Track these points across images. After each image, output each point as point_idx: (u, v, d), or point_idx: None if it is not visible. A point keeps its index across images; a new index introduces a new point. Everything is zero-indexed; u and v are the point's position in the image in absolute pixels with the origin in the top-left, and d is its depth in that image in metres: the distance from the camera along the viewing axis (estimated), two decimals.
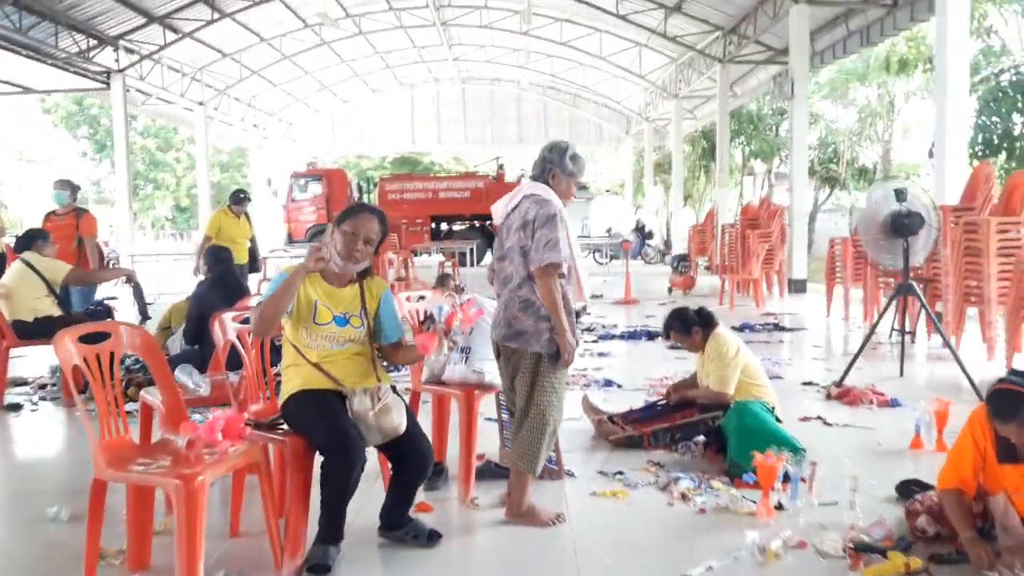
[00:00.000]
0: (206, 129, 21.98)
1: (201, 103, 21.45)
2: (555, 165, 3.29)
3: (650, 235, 23.34)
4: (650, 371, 6.41)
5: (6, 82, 17.13)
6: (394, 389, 2.96)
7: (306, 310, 2.87)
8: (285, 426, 2.91)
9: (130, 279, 6.37)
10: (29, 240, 6.02)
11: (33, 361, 7.04)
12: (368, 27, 21.63)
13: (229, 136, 29.13)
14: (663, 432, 4.24)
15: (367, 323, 2.97)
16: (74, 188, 7.46)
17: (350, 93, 29.14)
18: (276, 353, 3.19)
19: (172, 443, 2.66)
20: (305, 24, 20.28)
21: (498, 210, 3.38)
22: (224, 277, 5.63)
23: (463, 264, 18.55)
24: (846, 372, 5.75)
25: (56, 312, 5.60)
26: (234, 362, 3.41)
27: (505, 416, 4.06)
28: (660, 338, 8.06)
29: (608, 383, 5.90)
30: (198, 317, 5.39)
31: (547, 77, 27.44)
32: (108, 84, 17.11)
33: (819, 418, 4.89)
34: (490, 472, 3.76)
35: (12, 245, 9.80)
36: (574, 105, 30.20)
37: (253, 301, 3.80)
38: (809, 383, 5.93)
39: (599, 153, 37.09)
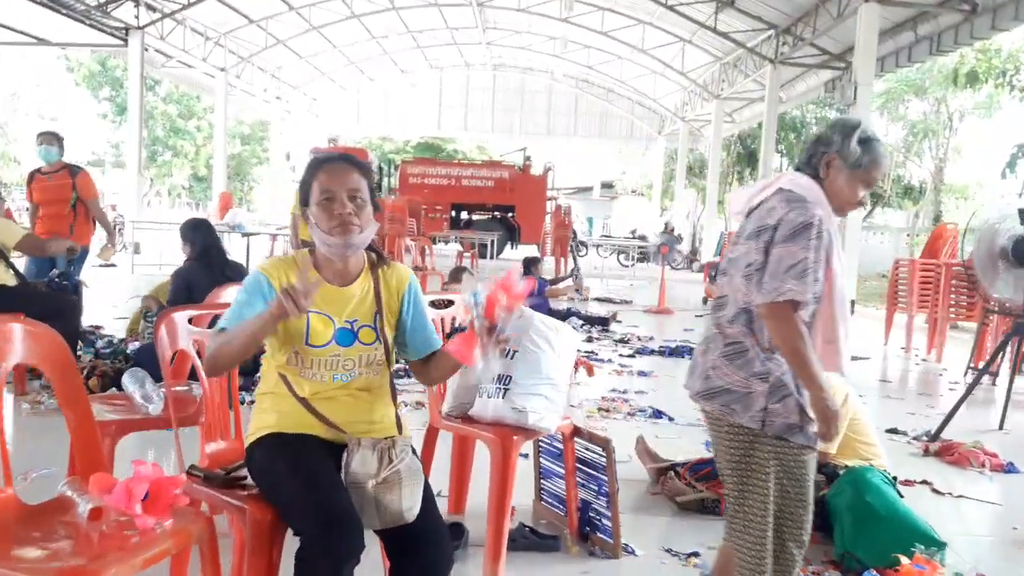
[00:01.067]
0: (226, 97, 21.15)
1: (223, 69, 20.62)
2: (833, 148, 2.16)
3: (679, 240, 22.35)
4: None
5: (22, 32, 16.32)
6: (413, 450, 2.03)
7: (294, 326, 1.98)
8: (249, 479, 2.02)
9: (72, 252, 5.44)
10: None
11: None
12: (401, 2, 20.73)
13: (251, 107, 28.34)
14: None
15: (385, 335, 2.06)
16: (61, 141, 6.54)
17: (378, 71, 28.23)
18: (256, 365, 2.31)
19: (75, 507, 1.77)
20: None
21: (737, 203, 2.32)
22: (207, 252, 4.77)
23: (483, 256, 17.64)
24: (945, 423, 4.82)
25: (10, 281, 4.74)
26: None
27: (546, 460, 3.17)
28: None
29: (657, 414, 4.97)
30: (175, 302, 4.54)
31: (582, 69, 26.47)
32: (126, 41, 16.29)
33: (925, 483, 3.97)
34: (524, 539, 2.88)
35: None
36: (607, 100, 29.19)
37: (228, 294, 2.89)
38: (894, 431, 5.00)
39: (628, 151, 36.10)
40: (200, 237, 4.84)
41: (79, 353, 5.13)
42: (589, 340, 8.00)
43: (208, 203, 39.61)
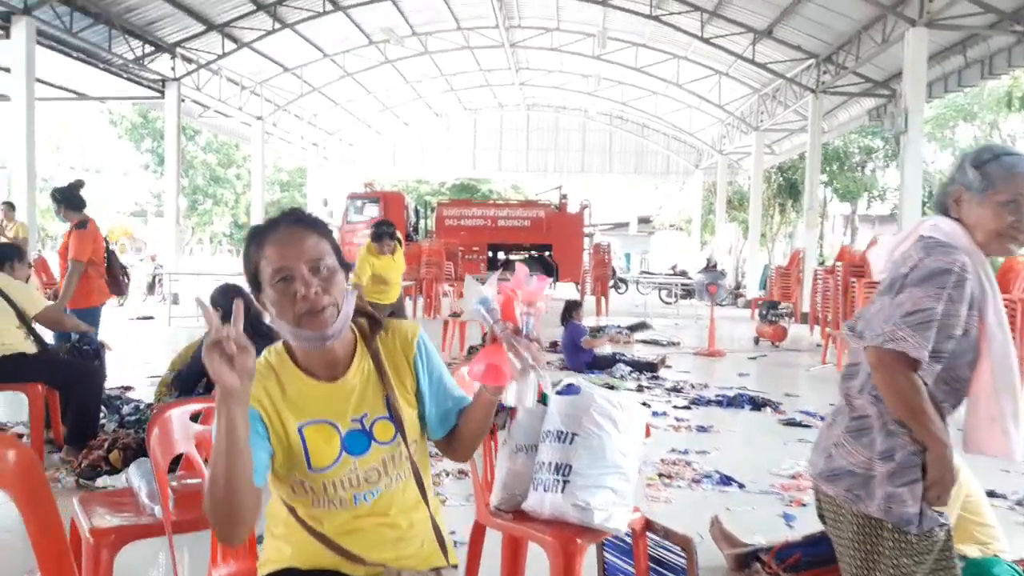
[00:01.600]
0: (263, 144, 21.28)
1: (259, 118, 20.77)
2: (956, 182, 1.93)
3: (722, 275, 21.75)
4: (772, 461, 5.01)
5: (61, 87, 16.56)
6: None
7: (291, 447, 1.57)
8: None
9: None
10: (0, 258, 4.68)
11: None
12: (434, 47, 20.76)
13: (289, 154, 28.60)
14: None
15: (404, 423, 1.63)
16: (65, 197, 5.86)
17: (413, 115, 28.34)
18: None
19: None
20: (370, 41, 19.51)
21: (878, 259, 2.00)
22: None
23: None
24: None
25: (30, 349, 4.47)
26: None
27: (611, 555, 2.74)
28: (769, 408, 6.74)
29: (726, 480, 4.50)
30: (197, 363, 4.23)
31: (616, 105, 26.26)
32: (163, 93, 16.44)
33: None
34: None
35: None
36: (642, 135, 28.93)
37: None
38: (992, 493, 4.47)
39: (666, 187, 35.71)
40: (230, 304, 4.50)
41: (103, 422, 4.82)
42: (639, 389, 7.55)
43: None
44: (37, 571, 1.63)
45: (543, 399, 2.51)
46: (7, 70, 11.84)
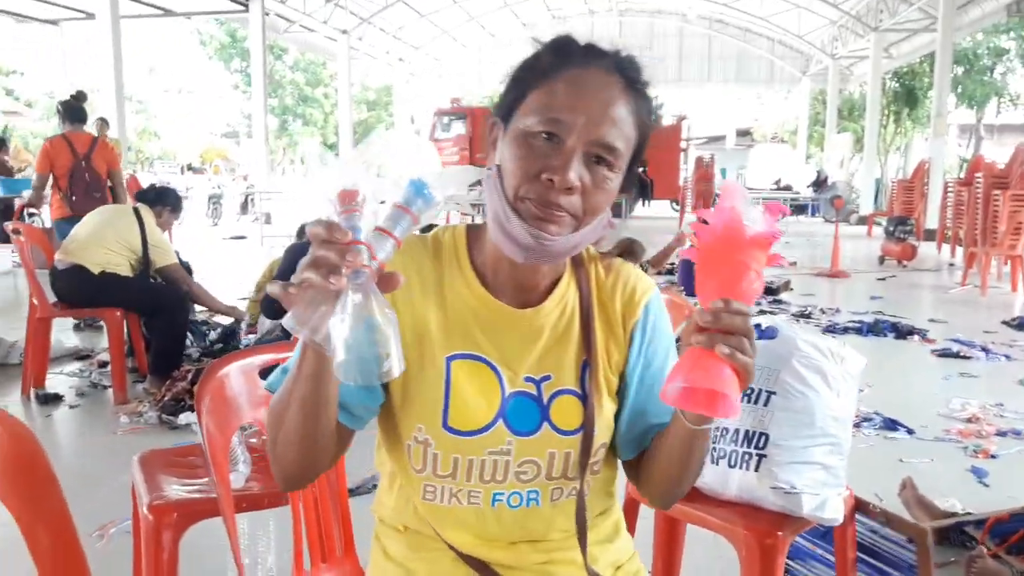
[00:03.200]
0: (349, 60, 20.76)
1: (344, 32, 20.19)
2: None
3: (837, 188, 20.36)
4: (938, 399, 4.28)
5: (146, 3, 16.30)
6: None
7: (424, 382, 1.01)
8: None
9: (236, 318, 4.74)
10: (157, 197, 4.44)
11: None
12: None
13: (375, 72, 28.07)
14: None
15: (597, 414, 1.04)
16: (66, 109, 5.82)
17: (499, 26, 27.25)
18: None
19: None
20: None
21: None
22: None
23: (617, 215, 16.49)
24: None
25: (127, 270, 4.11)
26: None
27: (800, 539, 2.15)
28: (917, 336, 5.94)
29: (891, 424, 3.81)
30: (281, 277, 3.78)
31: (717, 7, 24.51)
32: (247, 6, 16.00)
33: None
34: None
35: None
36: (744, 40, 27.10)
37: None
38: None
39: (770, 96, 33.69)
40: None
41: (188, 352, 4.47)
42: (761, 315, 6.83)
43: None
44: None
45: None
46: None
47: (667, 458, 1.03)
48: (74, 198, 5.62)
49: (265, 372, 1.39)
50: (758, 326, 1.82)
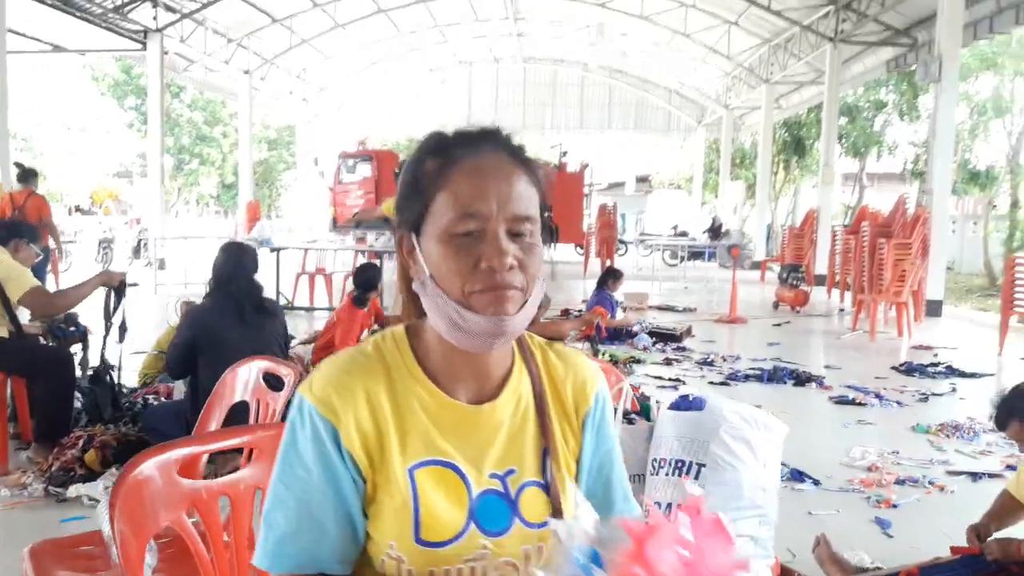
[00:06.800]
0: (251, 100, 20.38)
1: (247, 72, 19.84)
2: None
3: (727, 235, 21.16)
4: (838, 448, 4.44)
5: (35, 38, 15.62)
6: None
7: (392, 499, 0.98)
8: None
9: (111, 285, 4.32)
10: (8, 234, 4.07)
11: None
12: None
13: (277, 111, 27.66)
14: None
15: (564, 503, 1.04)
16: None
17: (405, 70, 27.35)
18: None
19: None
20: None
21: None
22: (228, 282, 3.75)
23: None
24: None
25: (3, 330, 3.81)
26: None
27: None
28: (814, 383, 6.17)
29: (797, 475, 3.91)
30: (186, 343, 3.62)
31: (617, 59, 25.36)
32: (145, 44, 15.53)
33: None
34: None
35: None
36: (643, 90, 28.05)
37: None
38: None
39: (666, 144, 34.89)
40: (223, 262, 3.77)
41: (75, 415, 4.17)
42: (667, 363, 6.97)
43: (236, 211, 39.11)
44: None
45: (643, 411, 1.91)
46: None
47: None
48: None
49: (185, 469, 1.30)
50: (685, 397, 1.84)
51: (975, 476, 3.99)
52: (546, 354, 1.12)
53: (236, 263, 3.77)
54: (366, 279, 5.28)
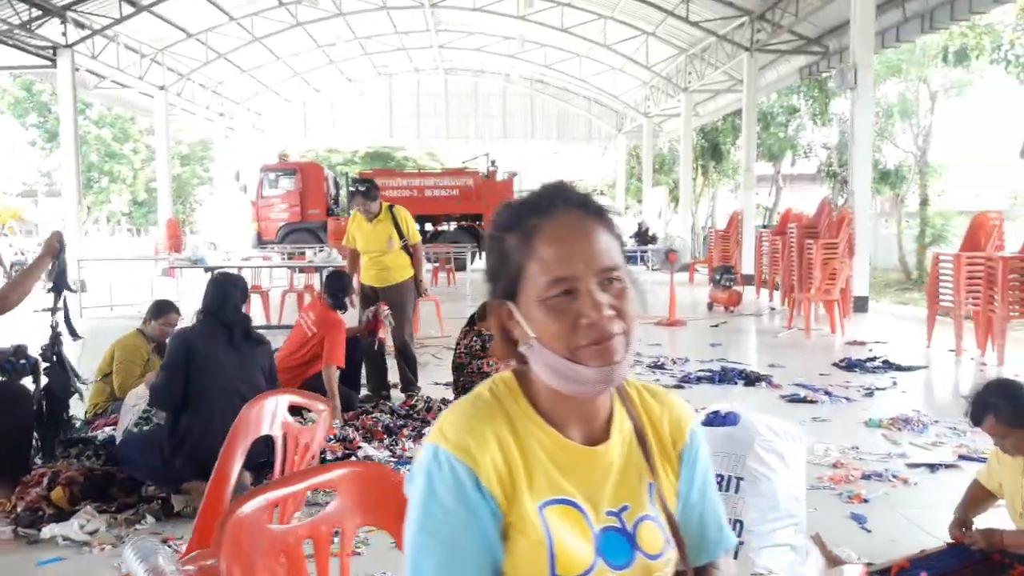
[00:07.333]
0: (167, 116, 19.77)
1: (162, 87, 19.25)
2: None
3: (653, 239, 21.63)
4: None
5: None
6: None
7: (526, 538, 1.01)
8: None
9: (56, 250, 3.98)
10: None
11: None
12: (348, 7, 19.59)
13: (192, 126, 26.88)
14: None
15: (679, 531, 1.11)
16: None
17: (324, 82, 27.00)
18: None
19: None
20: (279, 2, 18.24)
21: None
22: (219, 309, 3.70)
23: (461, 269, 16.72)
24: None
25: None
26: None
27: None
28: (764, 383, 6.36)
29: None
30: (177, 366, 3.51)
31: (538, 69, 25.65)
32: (54, 61, 14.90)
33: None
34: None
35: None
36: (564, 100, 28.45)
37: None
38: None
39: (588, 152, 35.44)
40: (213, 292, 3.74)
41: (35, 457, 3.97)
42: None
43: (150, 229, 37.76)
44: None
45: None
46: None
47: None
48: None
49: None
50: (717, 413, 1.88)
51: (932, 467, 4.18)
52: (641, 394, 1.18)
53: (225, 293, 3.73)
54: (343, 285, 5.41)
